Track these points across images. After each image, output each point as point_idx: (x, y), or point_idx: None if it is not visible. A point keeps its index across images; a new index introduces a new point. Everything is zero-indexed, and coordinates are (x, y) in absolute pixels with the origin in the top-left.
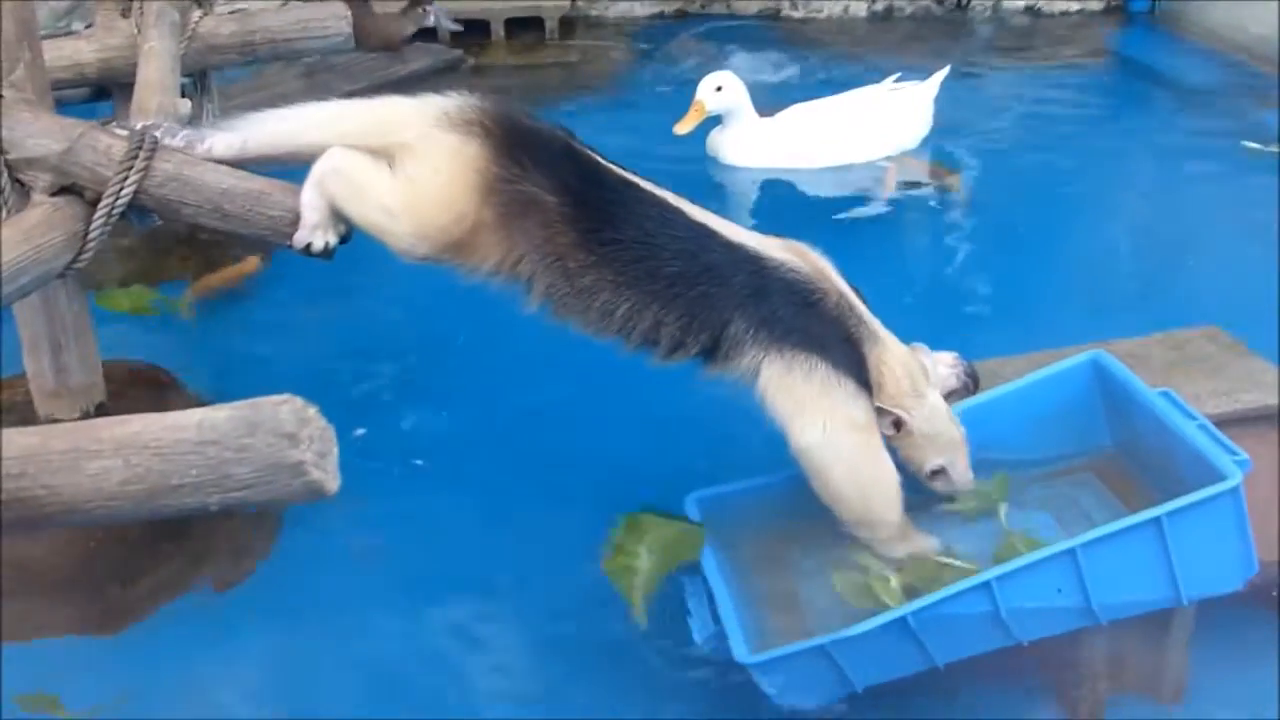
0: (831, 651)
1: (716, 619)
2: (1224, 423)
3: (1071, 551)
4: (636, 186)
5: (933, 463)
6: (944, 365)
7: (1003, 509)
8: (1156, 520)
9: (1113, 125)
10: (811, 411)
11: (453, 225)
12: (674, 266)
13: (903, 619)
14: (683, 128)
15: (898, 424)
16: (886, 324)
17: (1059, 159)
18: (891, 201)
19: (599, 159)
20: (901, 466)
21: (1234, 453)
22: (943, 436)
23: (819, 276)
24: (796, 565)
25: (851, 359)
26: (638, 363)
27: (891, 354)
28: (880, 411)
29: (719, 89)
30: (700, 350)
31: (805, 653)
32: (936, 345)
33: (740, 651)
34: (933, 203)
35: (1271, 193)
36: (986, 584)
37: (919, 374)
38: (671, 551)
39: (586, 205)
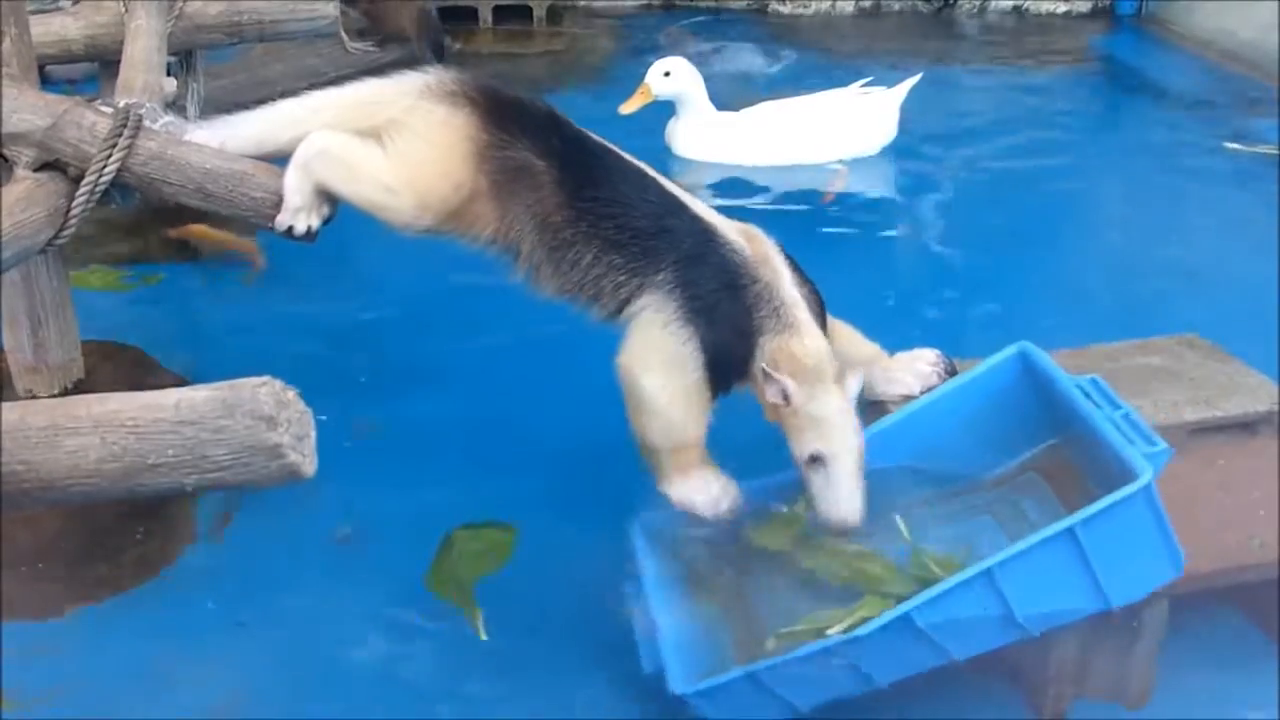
0: (763, 678)
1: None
2: (1203, 429)
3: (989, 571)
4: (616, 153)
5: (812, 446)
6: (925, 363)
7: (901, 522)
8: (1070, 530)
9: (1097, 128)
10: (635, 350)
11: (452, 194)
12: (639, 223)
13: (830, 646)
14: (626, 108)
15: (785, 395)
16: (866, 327)
17: (1042, 161)
18: (872, 203)
19: (578, 127)
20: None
21: (1152, 443)
22: (830, 425)
23: (757, 263)
24: (745, 584)
25: (734, 348)
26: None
27: (801, 342)
28: (768, 377)
29: (667, 74)
30: (627, 298)
31: (740, 679)
32: (918, 345)
33: (676, 683)
34: (915, 205)
35: (1256, 196)
36: (908, 613)
37: (827, 366)
38: (482, 558)
39: (571, 168)
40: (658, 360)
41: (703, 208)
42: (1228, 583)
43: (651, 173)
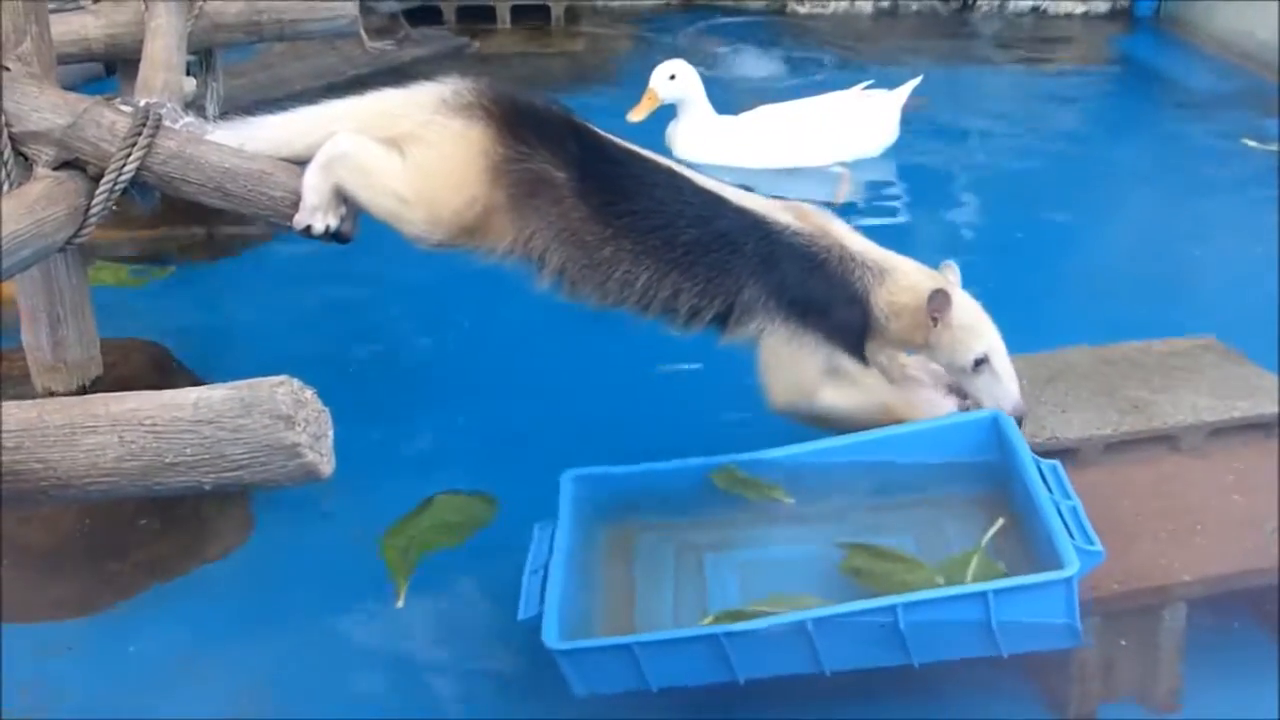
0: (637, 652)
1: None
2: (1221, 430)
3: (893, 608)
4: (641, 156)
5: (976, 350)
6: (938, 364)
7: (992, 528)
8: (983, 593)
9: (1116, 129)
10: (789, 381)
11: (465, 209)
12: (689, 234)
13: (715, 635)
14: (636, 115)
15: (936, 308)
16: None
17: (1058, 160)
18: (876, 205)
19: (599, 132)
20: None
21: (1090, 541)
22: (980, 323)
23: (821, 235)
24: (648, 557)
25: (852, 319)
26: (625, 349)
27: (907, 274)
28: (935, 297)
29: (672, 77)
30: (715, 316)
31: (610, 648)
32: None
33: (549, 635)
34: (923, 206)
35: (1271, 196)
36: (803, 622)
37: (940, 278)
38: (451, 529)
39: (596, 179)
40: (813, 379)
41: (739, 195)
42: (1245, 585)
43: (679, 169)
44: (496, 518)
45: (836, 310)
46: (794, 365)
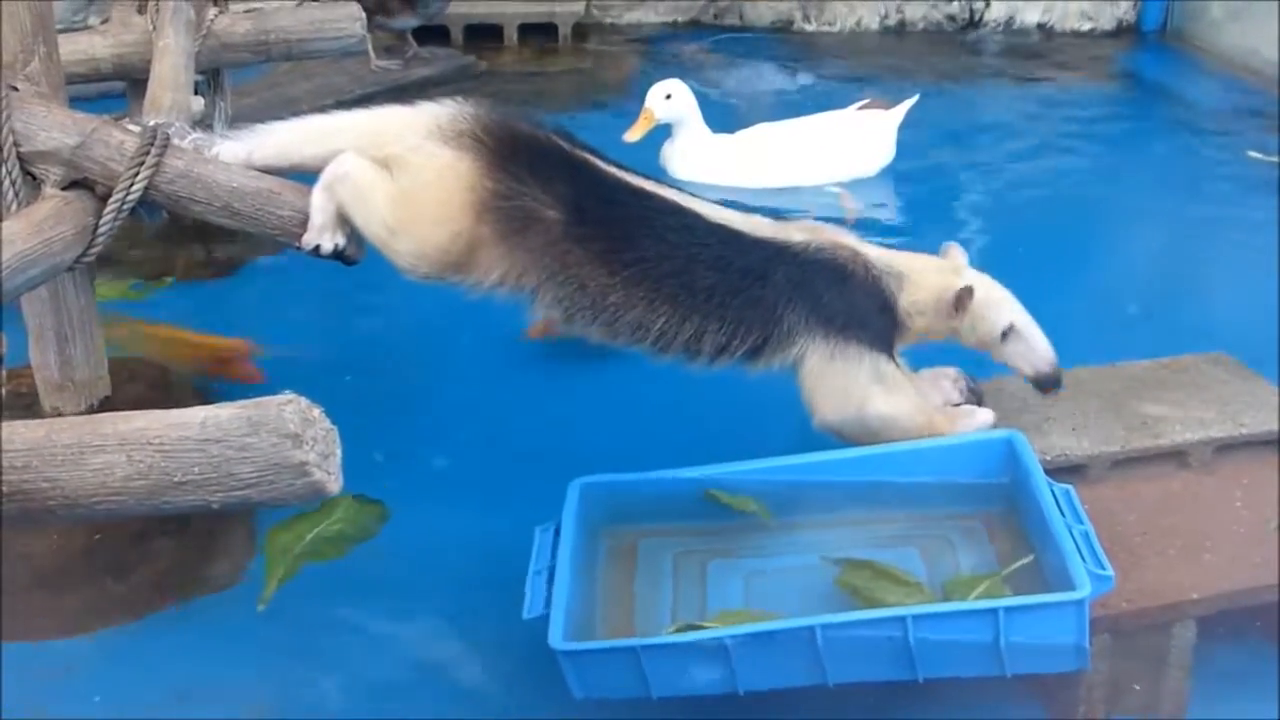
0: (641, 655)
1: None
2: (1229, 446)
3: (903, 619)
4: (646, 194)
5: (1001, 322)
6: (946, 380)
7: (1019, 562)
8: (993, 611)
9: (1122, 145)
10: (838, 394)
11: (449, 244)
12: (709, 278)
13: (720, 641)
14: (632, 135)
15: (960, 301)
16: None
17: (1064, 177)
18: (876, 225)
19: (601, 164)
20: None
21: (1101, 567)
22: (998, 296)
23: (840, 248)
24: (651, 565)
25: (887, 324)
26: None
27: (922, 271)
28: (959, 297)
29: (668, 96)
30: (748, 350)
31: (615, 651)
32: (940, 362)
33: (555, 637)
34: (926, 226)
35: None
36: (811, 626)
37: (950, 268)
38: (339, 540)
39: (597, 222)
40: (862, 388)
41: (751, 222)
42: (1254, 601)
43: (686, 204)
44: (384, 528)
45: (873, 317)
46: (841, 378)
